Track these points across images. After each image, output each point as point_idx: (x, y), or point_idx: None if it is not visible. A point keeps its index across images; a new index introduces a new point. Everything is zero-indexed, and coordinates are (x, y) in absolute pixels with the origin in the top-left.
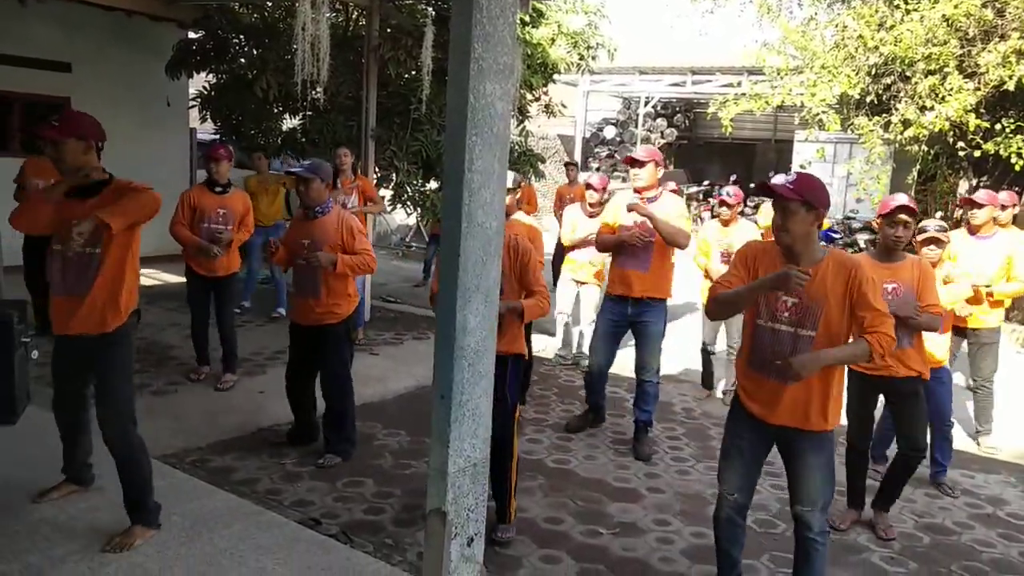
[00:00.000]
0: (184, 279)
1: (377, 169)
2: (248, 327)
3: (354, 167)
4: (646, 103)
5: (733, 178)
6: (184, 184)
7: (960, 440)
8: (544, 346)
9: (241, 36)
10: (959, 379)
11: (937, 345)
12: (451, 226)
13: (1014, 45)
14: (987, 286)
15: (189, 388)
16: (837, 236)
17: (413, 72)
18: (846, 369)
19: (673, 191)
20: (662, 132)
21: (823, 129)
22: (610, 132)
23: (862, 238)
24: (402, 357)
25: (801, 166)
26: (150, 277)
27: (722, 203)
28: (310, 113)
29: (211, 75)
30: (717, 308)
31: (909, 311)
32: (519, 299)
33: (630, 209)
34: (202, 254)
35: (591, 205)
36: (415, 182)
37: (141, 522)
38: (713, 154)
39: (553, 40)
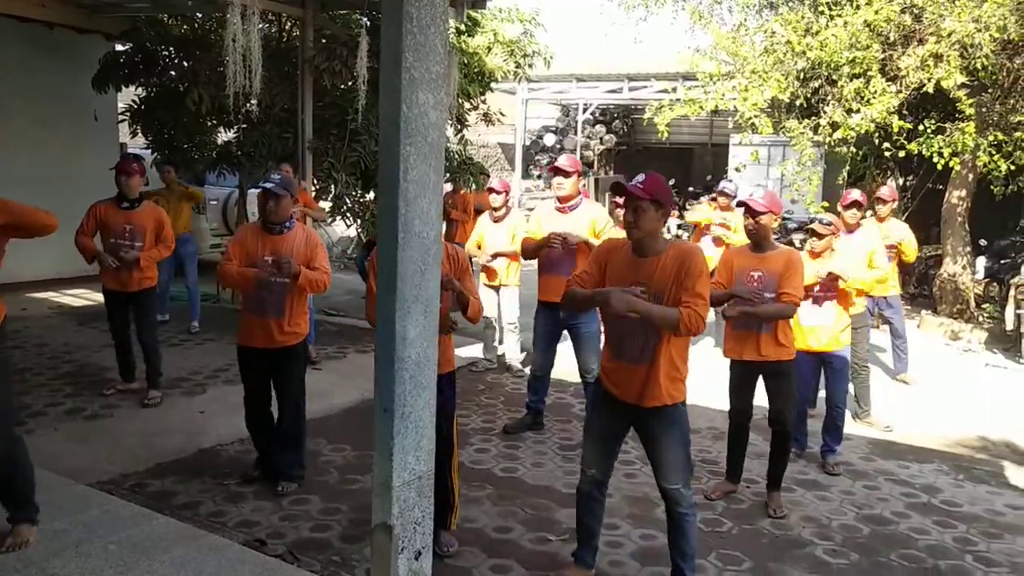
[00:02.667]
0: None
1: (315, 181)
2: (187, 345)
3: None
4: (584, 110)
5: (671, 182)
6: None
7: (895, 432)
8: (484, 353)
9: (170, 48)
10: (880, 373)
11: (833, 330)
12: (388, 236)
13: (931, 49)
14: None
15: (125, 411)
16: (774, 236)
17: (349, 83)
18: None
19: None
20: (601, 138)
21: (756, 132)
22: (550, 139)
23: (797, 237)
24: (345, 371)
25: (736, 169)
26: (81, 298)
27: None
28: (245, 126)
29: (140, 88)
30: (568, 304)
31: (745, 294)
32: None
33: (544, 245)
34: (101, 262)
35: (495, 209)
36: (354, 193)
37: (27, 520)
38: (652, 159)
39: (489, 49)
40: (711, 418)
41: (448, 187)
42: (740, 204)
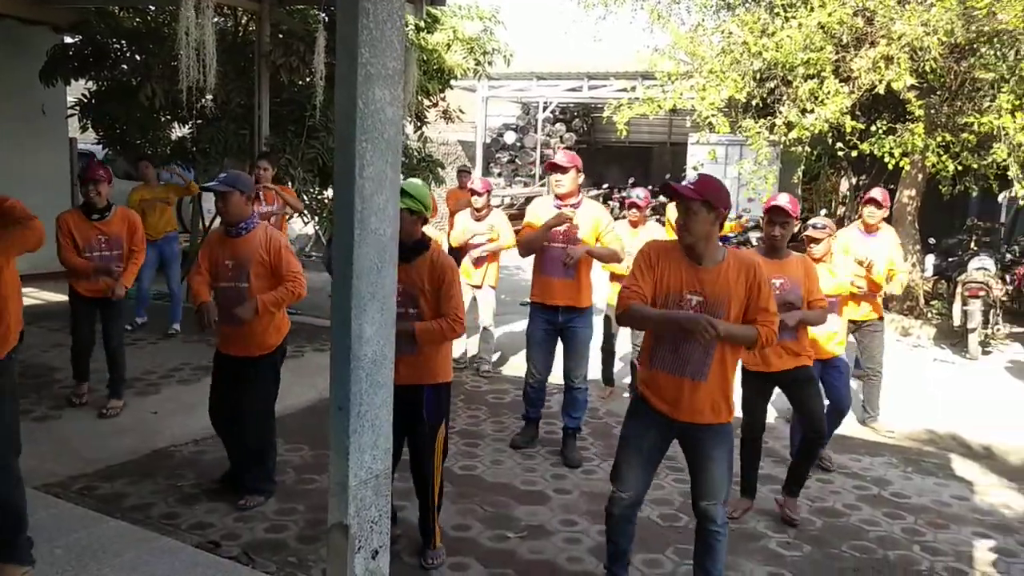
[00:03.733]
0: (68, 299)
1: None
2: (140, 344)
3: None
4: (545, 108)
5: (632, 181)
6: (66, 197)
7: (848, 426)
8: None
9: (122, 41)
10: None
11: (831, 336)
12: (344, 233)
13: (882, 51)
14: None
15: (75, 413)
16: (731, 235)
17: (307, 79)
18: (740, 366)
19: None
20: (561, 136)
21: (714, 132)
22: (510, 137)
23: (755, 236)
24: (302, 369)
25: (694, 167)
26: (30, 296)
27: (632, 205)
28: (200, 121)
29: (91, 82)
30: (629, 321)
31: (794, 300)
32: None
33: (552, 225)
34: (102, 275)
35: (476, 209)
36: (312, 190)
37: (13, 560)
38: (611, 158)
39: (449, 46)
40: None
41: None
42: (771, 208)
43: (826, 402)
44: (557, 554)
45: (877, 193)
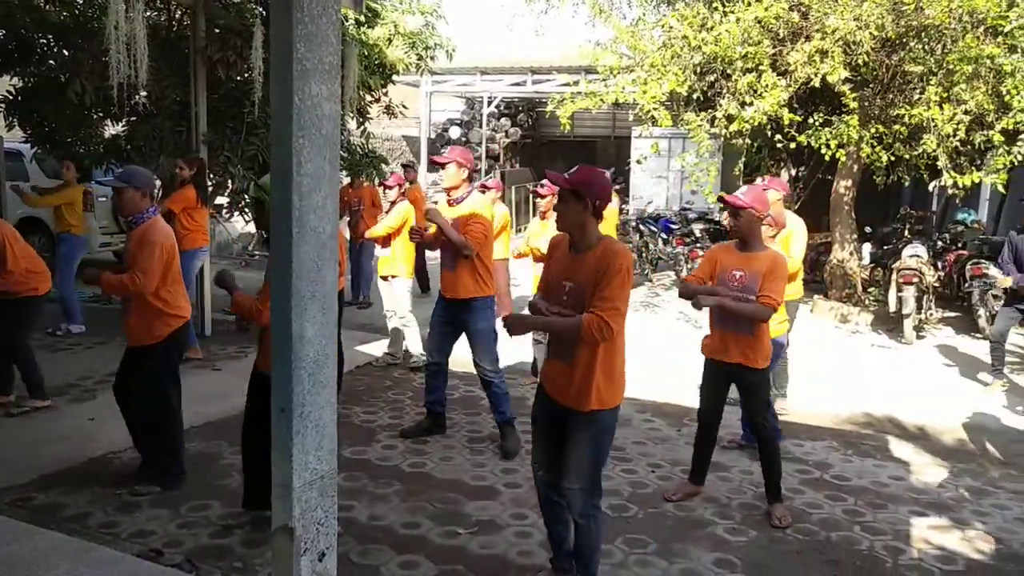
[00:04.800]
0: None
1: (212, 176)
2: (75, 350)
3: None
4: (489, 103)
5: None
6: None
7: (794, 412)
8: (388, 348)
9: (49, 36)
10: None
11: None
12: (281, 232)
13: (817, 45)
14: None
15: (4, 419)
16: (675, 226)
17: (245, 74)
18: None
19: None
20: (506, 131)
21: (656, 125)
22: (455, 132)
23: (698, 227)
24: (247, 371)
25: (638, 161)
26: None
27: (535, 194)
28: (134, 119)
29: (16, 78)
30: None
31: (721, 292)
32: None
33: (426, 215)
34: None
35: (391, 203)
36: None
37: None
38: (556, 152)
39: (390, 40)
40: (680, 416)
41: (346, 180)
42: (720, 200)
43: None
44: (508, 548)
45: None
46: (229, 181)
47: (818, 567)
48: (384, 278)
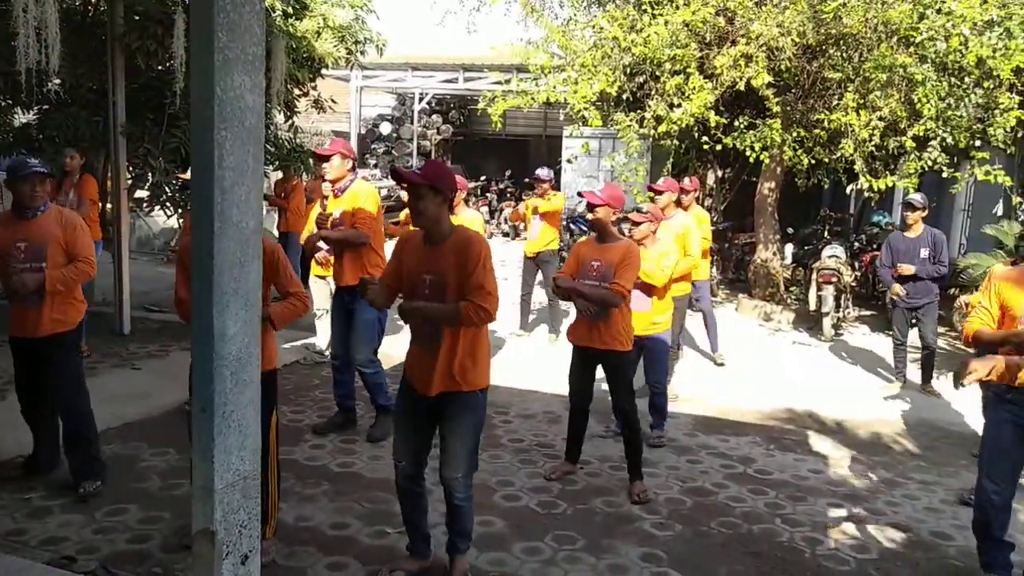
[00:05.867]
0: None
1: (131, 168)
2: None
3: (86, 167)
4: (421, 99)
5: (508, 173)
6: None
7: (715, 409)
8: (316, 346)
9: None
10: (698, 355)
11: (646, 316)
12: (203, 226)
13: (742, 50)
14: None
15: None
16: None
17: (167, 63)
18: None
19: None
20: (438, 128)
21: (587, 125)
22: (386, 128)
23: (625, 227)
24: (168, 370)
25: (568, 160)
26: None
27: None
28: (46, 107)
29: None
30: (401, 314)
31: (570, 283)
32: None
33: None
34: None
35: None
36: (174, 181)
37: None
38: (489, 150)
39: (319, 33)
40: (547, 403)
41: (278, 175)
42: (580, 195)
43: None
44: (436, 546)
45: (661, 180)
46: (149, 174)
47: (741, 559)
48: (322, 277)
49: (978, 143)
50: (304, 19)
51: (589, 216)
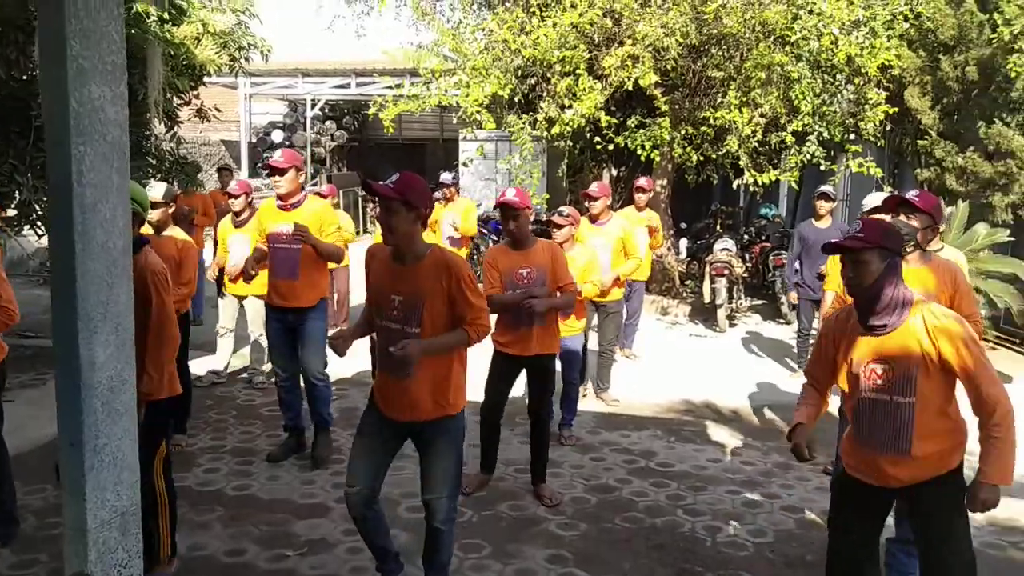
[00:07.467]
0: None
1: None
2: None
3: None
4: (313, 105)
5: None
6: None
7: (619, 404)
8: (213, 366)
9: None
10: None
11: (571, 319)
12: (63, 248)
13: (629, 50)
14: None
15: None
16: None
17: (33, 72)
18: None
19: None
20: (332, 135)
21: (481, 128)
22: (278, 136)
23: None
24: (43, 401)
25: (464, 163)
26: None
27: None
28: None
29: None
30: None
31: (542, 293)
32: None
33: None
34: None
35: (235, 214)
36: (44, 199)
37: None
38: (384, 155)
39: (199, 39)
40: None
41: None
42: (500, 205)
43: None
44: (340, 566)
45: (594, 186)
46: (16, 192)
47: (645, 553)
48: (243, 297)
49: (852, 137)
50: (182, 25)
51: (511, 225)
